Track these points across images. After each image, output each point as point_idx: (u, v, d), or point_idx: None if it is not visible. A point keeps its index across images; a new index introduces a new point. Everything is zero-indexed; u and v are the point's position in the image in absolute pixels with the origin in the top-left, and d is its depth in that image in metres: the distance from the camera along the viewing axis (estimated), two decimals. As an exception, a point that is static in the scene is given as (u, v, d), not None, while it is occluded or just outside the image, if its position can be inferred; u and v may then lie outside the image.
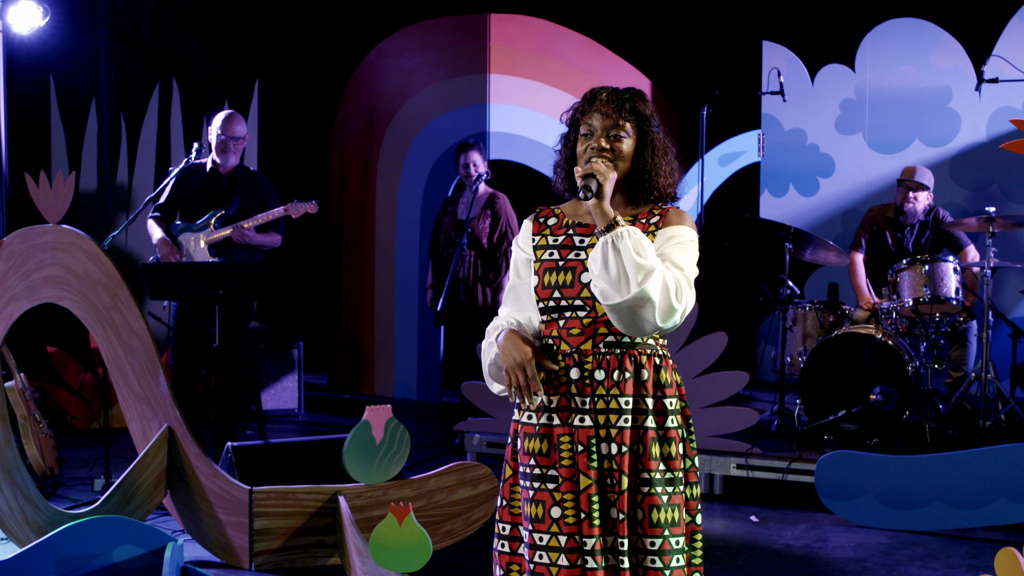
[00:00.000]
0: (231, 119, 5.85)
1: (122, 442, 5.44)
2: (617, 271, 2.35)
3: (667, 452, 2.48)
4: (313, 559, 4.12)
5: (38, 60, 7.31)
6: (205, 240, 5.71)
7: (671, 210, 2.57)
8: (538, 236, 2.61)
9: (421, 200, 7.95)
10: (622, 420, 2.47)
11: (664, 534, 2.45)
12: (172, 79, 7.85)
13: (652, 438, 2.48)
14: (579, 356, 2.50)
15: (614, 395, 2.48)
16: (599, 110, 2.53)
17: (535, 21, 7.72)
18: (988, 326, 5.51)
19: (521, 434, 2.56)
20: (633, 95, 2.56)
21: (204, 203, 5.82)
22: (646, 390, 2.49)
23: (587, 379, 2.49)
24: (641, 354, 2.50)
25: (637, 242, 2.37)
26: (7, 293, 4.09)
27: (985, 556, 4.35)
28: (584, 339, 2.50)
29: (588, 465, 2.46)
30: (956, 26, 7.24)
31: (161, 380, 4.19)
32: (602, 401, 2.49)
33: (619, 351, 2.49)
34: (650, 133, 2.55)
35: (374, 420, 2.52)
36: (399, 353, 8.09)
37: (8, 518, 3.99)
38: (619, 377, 2.49)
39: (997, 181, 7.16)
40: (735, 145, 8.15)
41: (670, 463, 2.48)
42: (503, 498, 2.62)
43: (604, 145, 2.51)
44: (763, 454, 5.23)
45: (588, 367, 2.49)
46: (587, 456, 2.47)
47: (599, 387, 2.49)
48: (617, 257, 2.36)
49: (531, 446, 2.52)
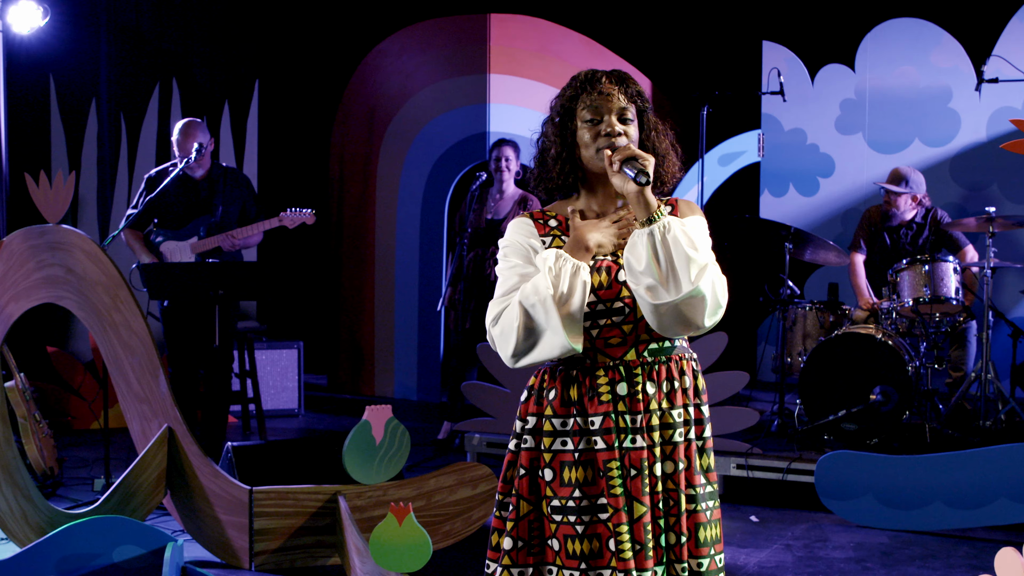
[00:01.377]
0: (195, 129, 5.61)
1: (122, 442, 5.44)
2: (667, 266, 2.13)
3: (707, 464, 2.30)
4: (313, 559, 4.12)
5: (38, 60, 7.31)
6: (193, 249, 5.64)
7: (681, 202, 2.36)
8: (547, 237, 2.31)
9: (421, 200, 7.95)
10: (677, 435, 2.25)
11: (710, 553, 2.27)
12: (172, 79, 7.85)
13: (696, 450, 2.29)
14: (625, 369, 2.24)
15: (665, 408, 2.26)
16: (604, 92, 2.29)
17: (535, 21, 7.72)
18: (988, 326, 5.51)
19: (555, 464, 2.24)
20: (624, 74, 2.35)
21: (184, 210, 5.65)
22: (687, 399, 2.29)
23: (638, 394, 2.23)
24: (682, 359, 2.30)
25: (688, 234, 2.16)
26: (7, 293, 4.09)
27: (985, 556, 4.35)
28: (627, 348, 2.24)
29: (642, 491, 2.21)
30: (956, 26, 7.24)
31: (161, 380, 4.19)
32: (655, 417, 2.25)
33: (664, 358, 2.27)
34: (648, 116, 2.35)
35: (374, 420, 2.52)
36: (399, 353, 8.09)
37: (8, 518, 3.99)
38: (669, 388, 2.26)
39: (997, 181, 7.16)
40: (735, 145, 8.15)
41: (709, 475, 2.30)
42: (519, 539, 2.26)
43: (618, 130, 2.27)
44: (763, 454, 5.23)
45: (638, 380, 2.24)
46: (641, 481, 2.21)
47: (651, 401, 2.24)
48: (667, 251, 2.13)
49: (572, 476, 2.22)
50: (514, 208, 6.12)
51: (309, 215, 5.71)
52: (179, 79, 7.90)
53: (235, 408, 6.99)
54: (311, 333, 8.48)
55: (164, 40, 8.08)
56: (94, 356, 6.61)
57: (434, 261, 7.88)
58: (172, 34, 8.13)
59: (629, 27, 8.16)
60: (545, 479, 2.24)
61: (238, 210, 5.75)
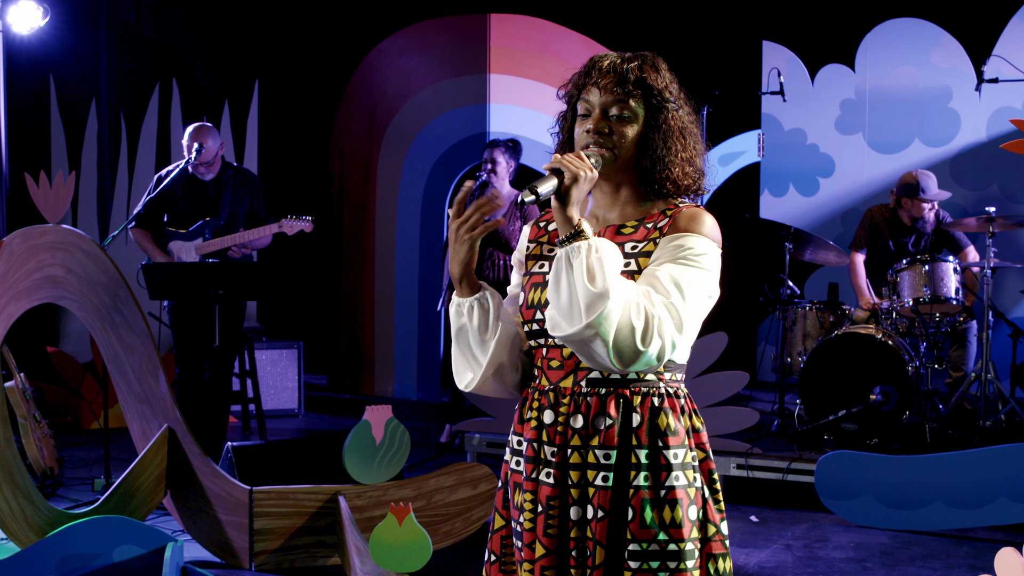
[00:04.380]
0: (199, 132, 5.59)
1: (122, 442, 5.44)
2: (568, 296, 1.86)
3: (670, 518, 1.94)
4: (313, 559, 4.12)
5: (38, 60, 7.31)
6: (198, 251, 5.65)
7: (684, 210, 2.02)
8: (533, 243, 2.15)
9: (421, 200, 7.95)
10: (599, 478, 1.96)
11: None
12: (172, 79, 7.85)
13: (645, 499, 1.95)
14: (555, 396, 2.01)
15: (592, 447, 1.97)
16: (598, 83, 2.04)
17: (535, 21, 7.72)
18: (988, 326, 5.51)
19: (510, 483, 2.10)
20: (643, 62, 2.05)
21: (191, 211, 5.64)
22: (638, 440, 1.96)
23: (559, 426, 2.00)
24: (634, 394, 1.98)
25: (596, 260, 1.85)
26: (7, 293, 4.09)
27: (985, 556, 4.35)
28: (564, 374, 2.01)
29: (545, 531, 1.99)
30: (956, 26, 7.24)
31: (161, 380, 4.19)
32: (576, 454, 1.98)
33: (603, 391, 1.98)
34: (663, 110, 2.03)
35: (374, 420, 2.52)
36: (399, 353, 8.09)
37: (8, 518, 3.99)
38: (599, 424, 1.97)
39: (997, 181, 7.16)
40: (735, 145, 8.15)
41: (673, 531, 1.94)
42: (492, 552, 2.15)
43: (601, 128, 2.01)
44: (763, 454, 5.23)
45: (564, 410, 2.00)
46: (544, 520, 1.99)
47: (574, 436, 1.98)
48: (570, 278, 1.86)
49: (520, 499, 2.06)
50: (511, 209, 6.08)
51: (308, 223, 5.70)
52: (179, 79, 7.90)
53: (235, 408, 6.99)
54: (311, 333, 8.48)
55: (164, 40, 8.08)
56: (94, 356, 6.61)
57: (434, 261, 7.88)
58: (172, 34, 8.13)
59: (629, 27, 8.16)
60: (506, 496, 2.14)
61: (246, 212, 5.73)
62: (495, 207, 2.00)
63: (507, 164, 6.10)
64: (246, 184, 5.77)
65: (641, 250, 2.01)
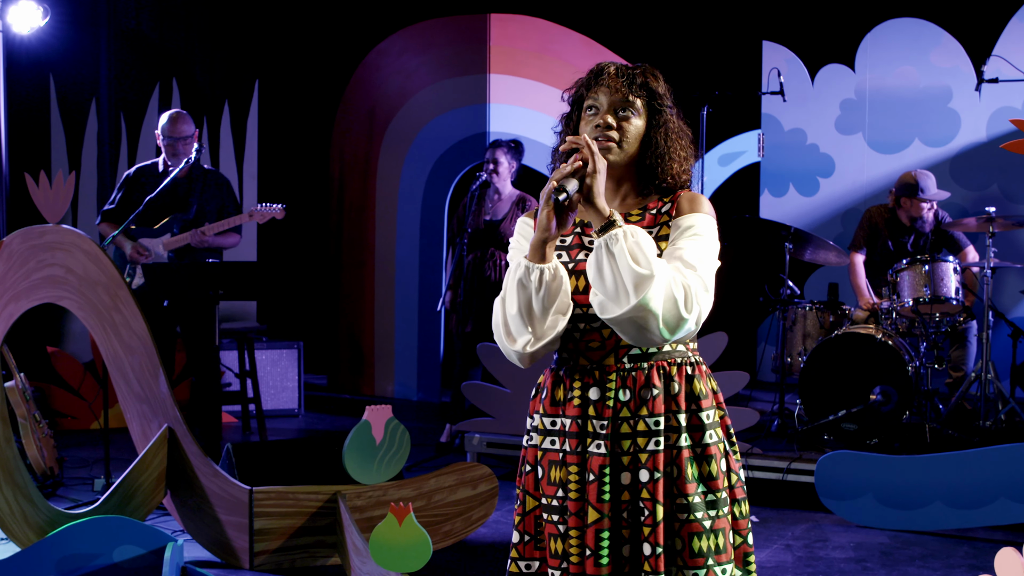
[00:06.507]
0: (176, 119, 5.68)
1: (122, 442, 5.44)
2: (614, 280, 2.07)
3: (707, 471, 2.21)
4: (313, 559, 4.12)
5: (38, 60, 7.31)
6: (165, 246, 5.66)
7: (683, 195, 2.26)
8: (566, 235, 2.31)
9: (421, 200, 7.95)
10: (652, 443, 2.19)
11: (708, 563, 2.19)
12: (172, 79, 7.85)
13: (688, 458, 2.20)
14: (600, 373, 2.22)
15: (642, 416, 2.20)
16: (606, 84, 2.25)
17: (535, 21, 7.71)
18: (988, 326, 5.51)
19: (544, 463, 2.28)
20: (645, 70, 2.30)
21: (161, 207, 5.63)
22: (677, 405, 2.21)
23: (608, 400, 2.21)
24: (672, 365, 2.22)
25: (635, 245, 2.07)
26: (7, 293, 4.09)
27: (985, 556, 4.35)
28: (605, 353, 2.21)
29: (599, 497, 2.18)
30: (956, 26, 7.24)
31: (161, 380, 4.19)
32: (626, 424, 2.20)
33: (645, 364, 2.21)
34: (663, 112, 2.28)
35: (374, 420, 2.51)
36: (399, 353, 8.09)
37: (8, 518, 3.99)
38: (647, 395, 2.20)
39: (997, 181, 7.16)
40: (735, 145, 8.15)
41: (711, 483, 2.21)
42: (526, 532, 2.32)
43: (610, 123, 2.23)
44: (763, 454, 5.23)
45: (611, 386, 2.21)
46: (598, 487, 2.19)
47: (623, 409, 2.20)
48: (612, 264, 2.07)
49: (557, 475, 2.25)
50: (512, 209, 6.08)
51: (279, 210, 5.76)
52: (179, 79, 7.90)
53: (235, 408, 6.99)
54: (311, 333, 8.48)
55: (164, 40, 8.08)
56: (94, 356, 6.61)
57: (434, 261, 7.88)
58: (172, 34, 8.13)
59: (629, 27, 8.16)
60: (538, 476, 2.30)
61: (215, 211, 5.76)
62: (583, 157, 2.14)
63: (509, 164, 6.10)
64: (216, 184, 5.81)
65: (657, 234, 2.24)
